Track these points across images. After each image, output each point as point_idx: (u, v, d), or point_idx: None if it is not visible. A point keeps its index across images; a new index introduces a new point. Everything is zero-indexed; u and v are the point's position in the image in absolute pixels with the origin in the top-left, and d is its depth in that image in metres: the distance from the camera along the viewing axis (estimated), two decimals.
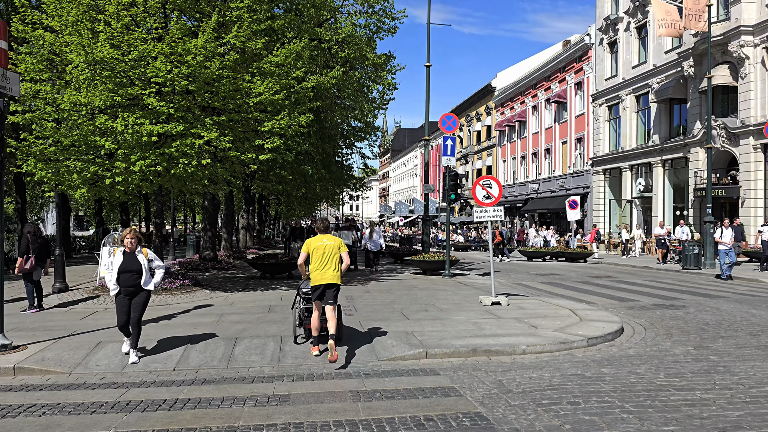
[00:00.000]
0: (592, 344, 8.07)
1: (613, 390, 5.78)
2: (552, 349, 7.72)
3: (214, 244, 19.47)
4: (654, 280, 17.40)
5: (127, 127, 10.60)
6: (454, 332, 8.52)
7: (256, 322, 9.41)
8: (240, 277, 16.68)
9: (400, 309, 10.72)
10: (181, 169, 11.13)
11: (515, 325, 9.11)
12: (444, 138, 16.83)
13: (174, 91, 11.18)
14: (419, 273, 18.34)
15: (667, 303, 12.06)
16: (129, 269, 7.25)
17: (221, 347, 7.75)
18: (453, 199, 16.89)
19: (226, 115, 11.95)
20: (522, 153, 50.60)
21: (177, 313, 10.28)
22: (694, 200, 29.07)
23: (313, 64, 14.96)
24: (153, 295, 12.02)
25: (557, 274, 19.33)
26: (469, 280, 16.42)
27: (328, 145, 22.07)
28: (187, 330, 8.74)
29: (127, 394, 6.01)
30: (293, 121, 12.18)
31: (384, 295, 12.82)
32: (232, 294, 12.84)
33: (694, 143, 28.96)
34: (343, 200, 39.27)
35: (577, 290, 14.74)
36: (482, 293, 13.19)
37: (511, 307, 10.82)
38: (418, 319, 9.60)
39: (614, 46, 37.00)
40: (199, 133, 11.00)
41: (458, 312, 10.39)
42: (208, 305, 11.17)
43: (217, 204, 19.38)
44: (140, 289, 7.29)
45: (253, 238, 35.64)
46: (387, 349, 7.67)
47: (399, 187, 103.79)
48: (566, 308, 10.71)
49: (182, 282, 12.91)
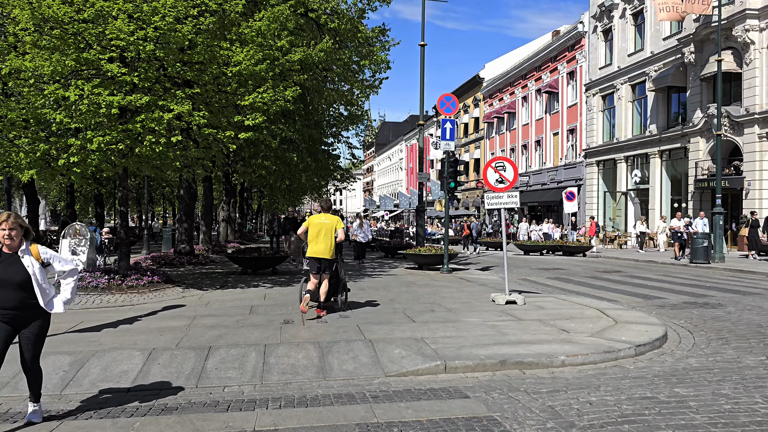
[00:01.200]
0: (641, 353, 6.72)
1: (711, 423, 4.39)
2: (596, 360, 6.36)
3: (190, 237, 17.86)
4: (667, 274, 16.20)
5: (82, 98, 9.01)
6: (472, 338, 7.13)
7: (234, 326, 7.93)
8: (218, 273, 15.13)
9: (403, 309, 9.30)
10: (148, 148, 9.57)
11: (541, 328, 7.74)
12: (442, 120, 15.41)
13: (139, 57, 9.61)
14: (414, 268, 16.94)
15: (699, 301, 10.79)
16: (6, 280, 4.37)
17: (191, 360, 6.27)
18: (453, 187, 15.49)
19: (200, 88, 10.40)
20: (511, 145, 49.41)
21: (142, 315, 8.75)
22: (694, 192, 28.04)
23: (300, 37, 13.42)
24: (115, 293, 10.50)
25: (561, 268, 18.06)
26: (471, 276, 15.06)
27: (315, 131, 20.52)
28: (152, 337, 7.23)
29: (56, 430, 4.52)
30: (278, 95, 10.66)
31: (381, 292, 11.40)
32: (208, 292, 11.31)
33: (694, 133, 27.90)
34: (329, 192, 37.65)
35: (590, 286, 13.46)
36: (489, 290, 11.83)
37: (528, 307, 9.46)
38: (425, 322, 8.19)
39: (609, 34, 35.85)
40: (168, 106, 9.44)
41: (470, 313, 9.00)
42: (179, 305, 9.64)
43: (193, 193, 17.76)
44: (31, 313, 4.45)
45: (234, 231, 33.97)
46: (395, 361, 6.24)
47: (384, 181, 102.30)
48: (592, 307, 9.37)
49: (151, 278, 11.35)
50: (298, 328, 7.78)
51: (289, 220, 18.29)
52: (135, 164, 10.65)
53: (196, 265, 17.01)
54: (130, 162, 10.38)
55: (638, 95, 33.28)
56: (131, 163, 10.37)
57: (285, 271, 15.83)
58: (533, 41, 53.14)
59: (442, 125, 15.34)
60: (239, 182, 34.24)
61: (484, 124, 54.62)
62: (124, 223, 11.55)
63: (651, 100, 31.60)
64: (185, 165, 11.67)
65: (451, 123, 15.39)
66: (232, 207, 32.73)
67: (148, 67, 9.87)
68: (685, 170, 29.33)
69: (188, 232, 17.76)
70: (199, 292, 11.17)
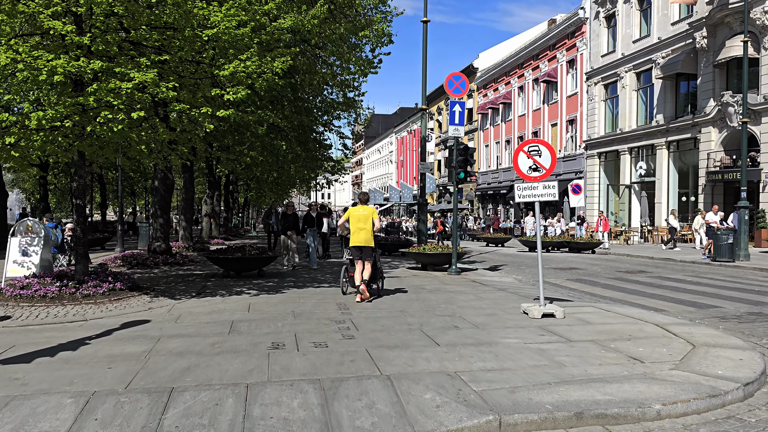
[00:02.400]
0: (749, 394, 5.06)
1: None
2: (699, 408, 4.67)
3: (166, 233, 15.98)
4: (697, 275, 14.64)
5: (17, 62, 7.15)
6: (522, 372, 5.42)
7: (209, 352, 6.16)
8: (197, 276, 13.29)
9: (419, 325, 7.58)
10: (103, 127, 7.72)
11: (604, 355, 6.05)
12: (451, 103, 13.67)
13: (91, 12, 7.75)
14: (417, 267, 15.24)
15: (764, 311, 9.18)
16: None
17: (143, 411, 4.50)
18: (462, 178, 13.78)
19: (170, 55, 8.55)
20: (507, 137, 47.79)
21: (92, 336, 6.94)
22: (705, 185, 26.56)
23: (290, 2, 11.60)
24: (66, 305, 8.66)
25: (578, 268, 16.43)
26: (483, 278, 13.37)
27: (305, 118, 18.69)
28: (97, 372, 5.45)
29: None
30: (264, 66, 8.85)
31: (387, 300, 9.67)
32: (181, 302, 9.48)
33: (706, 122, 26.41)
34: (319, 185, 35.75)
35: (621, 290, 11.83)
36: (511, 296, 10.16)
37: (570, 321, 7.79)
38: (452, 345, 6.48)
39: (612, 20, 34.26)
40: (128, 74, 7.59)
41: (503, 330, 7.30)
42: (143, 321, 7.82)
43: (170, 184, 15.86)
44: None
45: (219, 226, 32.05)
46: (428, 412, 4.51)
47: (373, 175, 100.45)
48: (648, 322, 7.71)
49: (113, 285, 9.50)
50: (291, 355, 6.02)
51: (289, 217, 15.20)
52: (92, 148, 8.79)
53: (172, 265, 15.15)
54: (84, 145, 8.51)
55: (643, 83, 31.74)
56: (86, 146, 8.51)
57: (273, 273, 14.04)
58: (529, 30, 51.49)
59: (451, 108, 13.60)
60: (224, 174, 32.29)
61: (477, 116, 52.96)
62: (80, 218, 9.67)
63: (658, 89, 30.06)
64: (154, 150, 9.81)
65: (461, 105, 13.65)
66: (216, 200, 30.81)
67: (106, 28, 8.02)
68: (695, 162, 27.87)
69: (164, 228, 15.87)
70: (170, 302, 9.33)
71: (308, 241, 15.21)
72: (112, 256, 15.73)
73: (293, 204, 15.91)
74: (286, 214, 15.41)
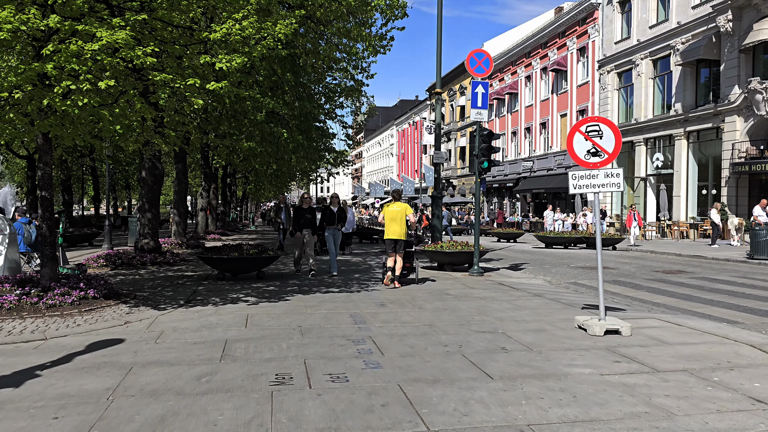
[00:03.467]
0: None
1: None
2: None
3: (155, 229, 14.46)
4: (742, 275, 13.21)
5: None
6: (620, 425, 3.96)
7: (192, 391, 4.68)
8: (188, 278, 11.79)
9: (457, 346, 6.11)
10: (65, 99, 6.21)
11: (712, 395, 4.60)
12: (473, 83, 12.17)
13: None
14: (432, 267, 13.78)
15: None
16: None
17: None
18: (485, 168, 12.30)
19: (148, 14, 7.02)
20: (513, 128, 46.29)
21: (48, 363, 5.47)
22: (730, 177, 25.07)
23: None
24: (26, 317, 7.16)
25: (608, 267, 14.96)
26: (509, 279, 11.91)
27: (308, 104, 17.18)
28: (36, 424, 3.98)
29: None
30: (264, 31, 7.33)
31: (410, 311, 8.19)
32: (165, 313, 7.98)
33: (730, 111, 24.92)
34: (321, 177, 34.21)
35: (669, 294, 10.38)
36: (553, 304, 8.72)
37: (641, 341, 6.33)
38: (509, 378, 5.01)
39: (626, 5, 32.70)
40: (93, 33, 6.07)
41: (562, 352, 5.83)
42: (115, 341, 6.33)
43: (158, 175, 14.32)
44: None
45: (215, 221, 30.52)
46: None
47: (373, 168, 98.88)
48: (739, 342, 6.26)
49: (85, 292, 8.00)
50: (300, 395, 4.55)
51: (305, 212, 12.07)
52: (56, 128, 7.27)
53: (161, 265, 13.64)
54: (45, 125, 7.00)
55: (661, 71, 30.22)
56: (46, 125, 6.99)
57: (274, 274, 12.55)
58: (534, 18, 49.86)
59: (473, 89, 12.10)
60: (220, 165, 30.71)
61: None
62: (46, 213, 8.15)
63: (677, 76, 28.55)
64: (135, 133, 8.29)
65: (484, 86, 12.16)
66: (212, 194, 29.26)
67: None
68: (717, 153, 26.40)
69: (153, 223, 14.34)
70: (152, 314, 7.83)
71: (328, 243, 12.44)
72: (94, 255, 14.23)
73: (310, 197, 13.12)
74: (301, 208, 12.16)
